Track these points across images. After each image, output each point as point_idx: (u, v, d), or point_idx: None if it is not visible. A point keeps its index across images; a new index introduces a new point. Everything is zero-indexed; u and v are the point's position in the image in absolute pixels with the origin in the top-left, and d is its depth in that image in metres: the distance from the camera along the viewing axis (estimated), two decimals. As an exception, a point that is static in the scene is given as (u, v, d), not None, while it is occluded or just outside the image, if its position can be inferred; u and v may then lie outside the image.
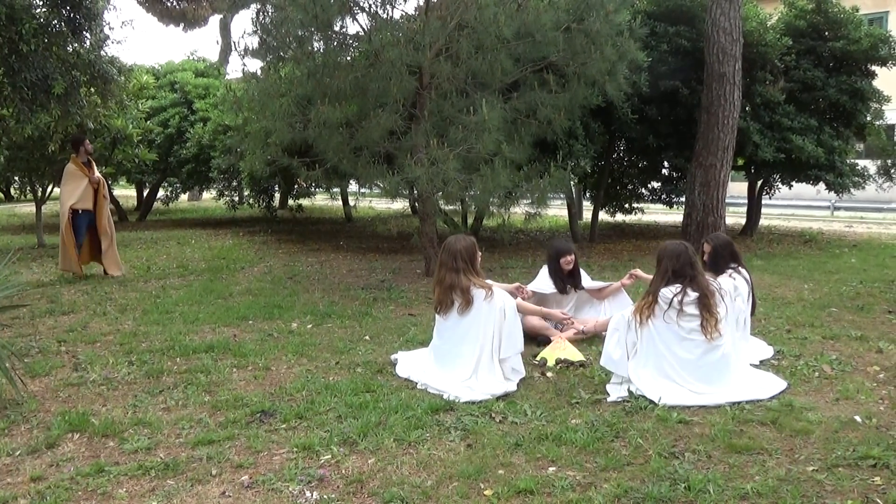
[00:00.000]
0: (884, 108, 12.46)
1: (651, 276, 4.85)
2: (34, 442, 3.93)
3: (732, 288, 5.20)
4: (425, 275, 8.75)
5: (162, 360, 5.43)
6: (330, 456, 3.68)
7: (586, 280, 6.31)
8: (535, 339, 5.76)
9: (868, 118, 12.40)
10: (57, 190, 10.73)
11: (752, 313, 5.62)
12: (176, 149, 16.12)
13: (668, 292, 4.56)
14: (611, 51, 8.15)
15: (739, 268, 5.50)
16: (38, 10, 9.16)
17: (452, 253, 4.92)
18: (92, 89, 10.09)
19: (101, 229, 9.04)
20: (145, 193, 19.53)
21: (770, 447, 3.70)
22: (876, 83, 12.25)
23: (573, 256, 6.13)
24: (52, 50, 8.99)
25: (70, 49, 9.34)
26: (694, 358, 4.52)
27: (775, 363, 5.19)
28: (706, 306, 4.52)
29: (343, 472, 3.51)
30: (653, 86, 10.67)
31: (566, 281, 6.19)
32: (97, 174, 9.05)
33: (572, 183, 12.09)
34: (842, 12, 11.88)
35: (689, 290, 4.55)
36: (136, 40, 73.20)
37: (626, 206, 13.87)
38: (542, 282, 6.24)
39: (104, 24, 9.80)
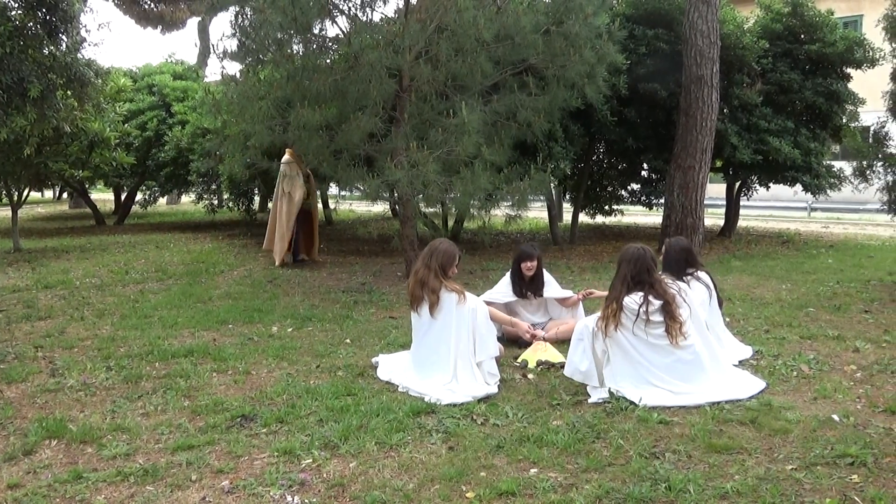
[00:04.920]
0: (859, 110, 12.61)
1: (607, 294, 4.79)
2: (11, 449, 3.88)
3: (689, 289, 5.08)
4: (406, 277, 8.72)
5: (140, 365, 5.38)
6: (311, 460, 3.66)
7: (555, 289, 6.23)
8: (516, 342, 5.78)
9: (844, 120, 12.53)
10: (34, 194, 10.66)
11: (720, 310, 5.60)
12: (154, 152, 16.00)
13: (632, 303, 4.54)
14: (590, 53, 8.18)
15: (698, 272, 5.44)
16: (14, 13, 9.03)
17: (431, 250, 4.99)
18: (68, 92, 9.97)
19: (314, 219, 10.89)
20: (123, 197, 19.36)
21: (749, 446, 3.73)
22: (851, 86, 12.40)
23: (535, 263, 6.06)
24: (27, 52, 8.86)
25: (46, 52, 9.23)
26: (669, 361, 4.53)
27: (754, 363, 5.23)
28: (669, 313, 4.54)
29: (324, 476, 3.50)
30: (632, 88, 10.73)
31: (524, 286, 6.16)
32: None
33: (552, 185, 12.11)
34: (817, 16, 12.02)
35: (651, 299, 4.54)
36: (114, 43, 72.74)
37: (606, 207, 13.91)
38: (501, 288, 6.25)
39: (81, 26, 9.67)
